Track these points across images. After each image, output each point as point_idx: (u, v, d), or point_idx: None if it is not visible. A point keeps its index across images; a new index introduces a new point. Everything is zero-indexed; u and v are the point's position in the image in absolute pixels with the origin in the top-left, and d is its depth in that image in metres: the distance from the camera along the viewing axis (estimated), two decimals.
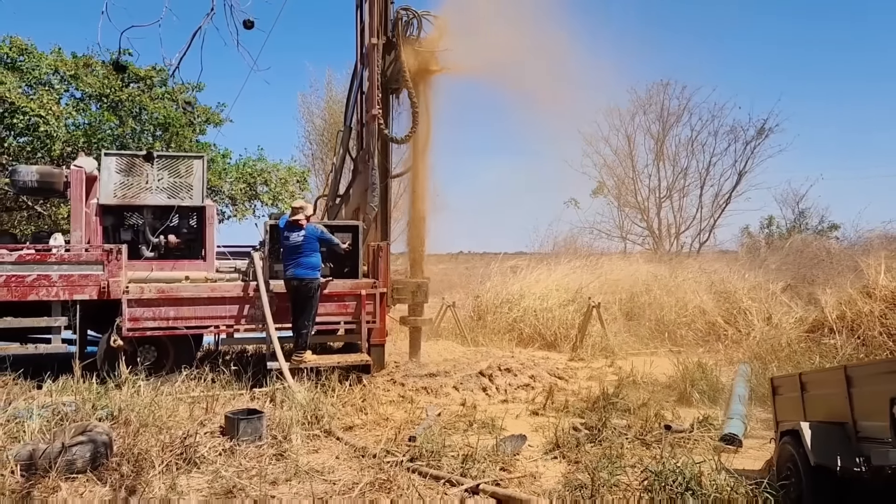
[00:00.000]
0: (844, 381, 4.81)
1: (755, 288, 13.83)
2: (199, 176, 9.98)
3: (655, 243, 30.59)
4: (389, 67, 10.52)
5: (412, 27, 10.51)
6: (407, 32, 10.48)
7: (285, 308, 9.40)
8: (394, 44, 10.45)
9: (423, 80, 10.69)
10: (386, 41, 10.45)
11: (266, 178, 24.62)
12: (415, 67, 10.42)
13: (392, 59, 10.49)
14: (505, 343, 12.95)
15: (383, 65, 10.42)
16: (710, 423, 7.29)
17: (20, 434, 6.36)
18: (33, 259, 8.77)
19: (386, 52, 10.48)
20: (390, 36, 10.48)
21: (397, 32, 10.43)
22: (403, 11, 10.55)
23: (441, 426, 7.43)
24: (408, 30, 10.49)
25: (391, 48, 10.49)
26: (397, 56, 10.36)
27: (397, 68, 10.40)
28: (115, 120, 22.00)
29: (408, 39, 10.45)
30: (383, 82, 10.47)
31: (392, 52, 10.48)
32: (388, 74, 10.53)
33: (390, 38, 10.48)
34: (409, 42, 10.44)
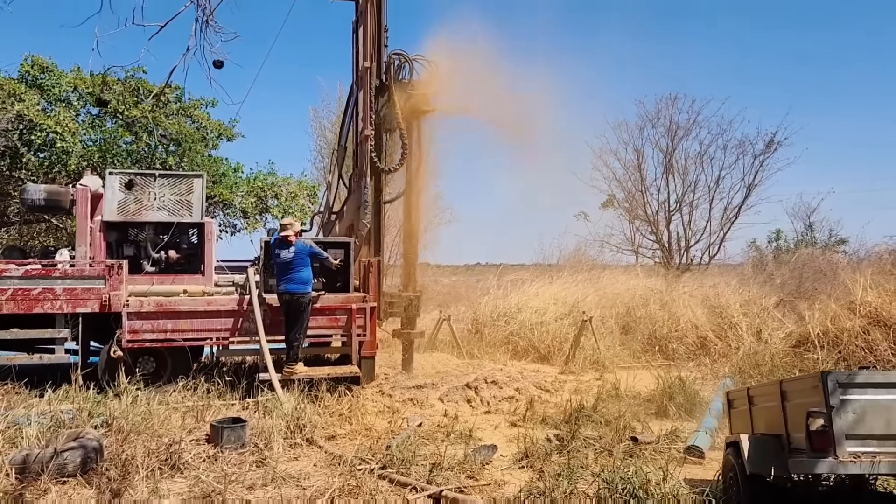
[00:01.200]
0: (780, 394, 5.08)
1: (748, 303, 13.99)
2: (198, 194, 10.41)
3: (665, 257, 30.69)
4: (383, 109, 10.98)
5: (404, 70, 11.04)
6: (399, 76, 11.02)
7: (279, 321, 9.77)
8: (387, 87, 10.93)
9: (415, 120, 11.21)
10: (379, 84, 10.93)
11: (276, 191, 25.11)
12: (407, 109, 10.95)
13: (385, 100, 10.96)
14: (499, 356, 13.21)
15: (377, 106, 10.88)
16: (676, 436, 7.54)
17: (18, 439, 6.77)
18: (39, 274, 9.25)
19: (379, 94, 10.95)
20: (383, 79, 10.97)
21: (390, 76, 10.95)
22: (396, 56, 11.10)
23: (420, 436, 7.74)
24: (400, 73, 11.02)
25: (384, 91, 10.97)
26: (390, 98, 10.86)
27: (390, 110, 10.88)
28: (130, 136, 22.64)
29: (400, 83, 10.98)
30: (377, 122, 10.91)
31: (385, 94, 10.96)
32: (381, 115, 10.98)
33: (383, 82, 10.97)
34: (401, 85, 10.97)
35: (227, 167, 24.51)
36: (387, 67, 10.99)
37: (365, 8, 10.88)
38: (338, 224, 11.52)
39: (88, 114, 22.80)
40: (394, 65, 11.03)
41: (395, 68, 11.03)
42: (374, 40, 10.93)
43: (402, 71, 11.06)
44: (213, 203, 24.43)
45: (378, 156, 10.87)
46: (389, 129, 11.09)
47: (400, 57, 11.11)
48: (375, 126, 10.82)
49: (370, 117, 10.75)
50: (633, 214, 31.93)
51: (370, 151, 10.69)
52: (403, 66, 11.08)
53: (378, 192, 11.04)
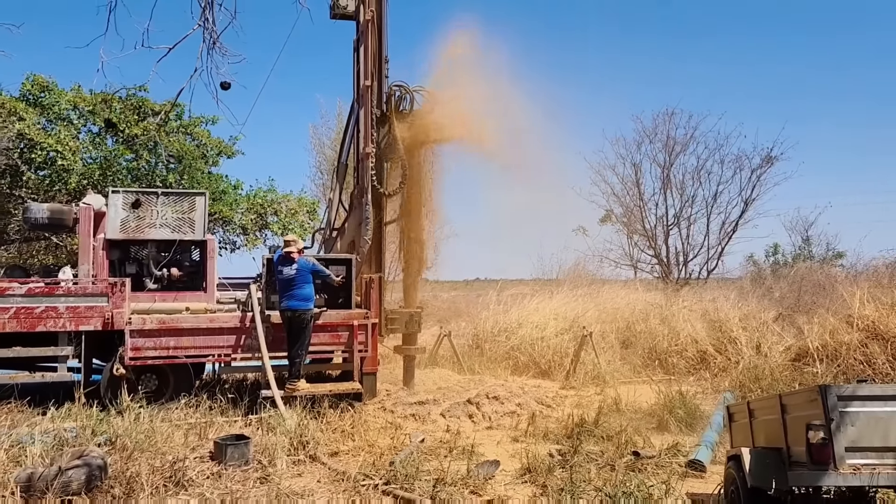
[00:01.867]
0: (780, 408, 5.14)
1: (747, 317, 14.05)
2: (200, 211, 10.48)
3: (664, 271, 30.79)
4: (384, 139, 11.14)
5: (405, 101, 11.24)
6: (400, 107, 11.21)
7: (281, 338, 9.81)
8: (388, 117, 11.11)
9: (416, 149, 11.41)
10: (380, 115, 11.10)
11: (276, 208, 25.21)
12: (408, 139, 11.15)
13: (386, 131, 11.14)
14: (500, 371, 13.25)
15: (378, 136, 11.05)
16: (678, 450, 7.58)
17: (22, 458, 6.79)
18: (42, 292, 9.29)
19: (380, 124, 11.13)
20: (384, 110, 11.13)
21: (390, 107, 11.13)
22: (397, 87, 11.31)
23: (423, 452, 7.77)
24: (401, 104, 11.22)
25: (385, 121, 11.15)
26: (390, 129, 11.04)
27: (390, 141, 11.07)
28: (130, 154, 22.75)
29: (401, 114, 11.18)
30: (378, 153, 11.05)
31: (386, 124, 11.14)
32: (381, 146, 11.14)
33: (384, 112, 11.14)
34: (402, 116, 11.18)
35: (227, 184, 24.63)
36: (387, 98, 11.19)
37: (366, 28, 11.02)
38: (339, 241, 11.59)
39: (89, 132, 22.93)
40: (394, 96, 11.25)
41: (395, 99, 11.25)
42: (374, 59, 11.07)
43: (402, 102, 11.27)
44: (213, 220, 24.51)
45: (379, 181, 11.00)
46: (391, 159, 11.22)
47: (401, 88, 11.34)
48: (376, 155, 10.96)
49: (371, 135, 10.87)
50: (632, 229, 32.09)
51: (371, 170, 10.79)
52: (404, 98, 11.29)
53: (379, 211, 11.13)
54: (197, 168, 23.35)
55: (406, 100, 11.28)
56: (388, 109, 11.16)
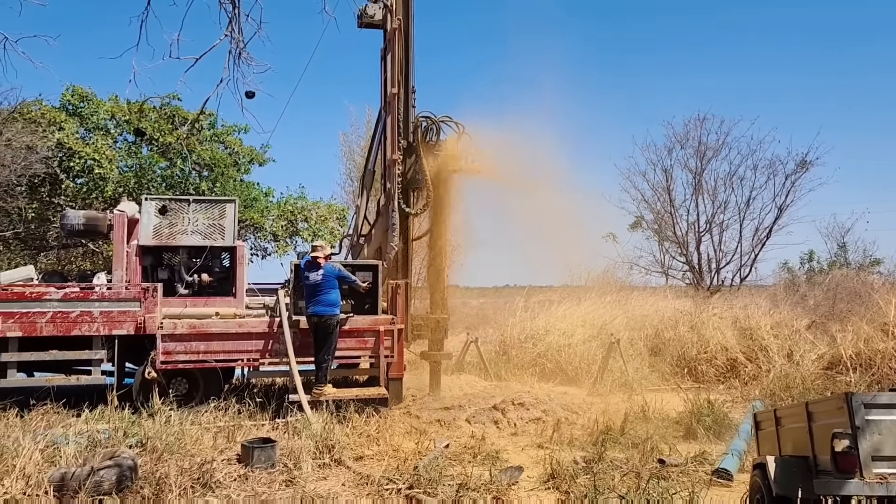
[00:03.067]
0: (806, 416, 5.07)
1: (779, 324, 13.84)
2: (230, 218, 10.66)
3: (695, 278, 30.43)
4: (410, 170, 11.27)
5: (431, 132, 11.35)
6: (427, 137, 11.33)
7: (309, 343, 9.93)
8: (414, 148, 11.22)
9: (442, 177, 11.50)
10: (407, 146, 11.22)
11: (307, 215, 25.50)
12: (434, 169, 11.27)
13: (412, 162, 11.25)
14: (527, 378, 13.21)
15: (404, 167, 11.21)
16: (704, 458, 7.50)
17: (56, 458, 6.96)
18: (77, 297, 9.53)
19: (407, 155, 11.25)
20: (411, 140, 11.26)
21: (417, 138, 11.25)
22: (423, 118, 11.41)
23: (447, 457, 7.80)
24: (427, 135, 11.34)
25: (412, 152, 11.26)
26: (417, 159, 11.15)
27: (417, 171, 11.20)
28: (165, 162, 23.20)
29: (427, 144, 11.28)
30: (404, 183, 11.20)
31: (413, 155, 11.24)
32: (408, 176, 11.27)
33: (411, 143, 11.25)
34: (428, 146, 11.29)
35: (259, 191, 24.97)
36: (414, 129, 11.28)
37: (392, 36, 11.14)
38: (366, 247, 11.70)
39: (125, 141, 23.44)
40: (421, 126, 11.35)
41: (422, 130, 11.35)
42: (401, 67, 11.18)
43: (429, 133, 11.37)
44: (244, 227, 24.88)
45: (406, 202, 11.18)
46: (417, 189, 11.33)
47: (427, 119, 11.44)
48: (402, 184, 11.10)
49: (397, 142, 10.98)
50: (663, 236, 31.78)
51: (397, 177, 10.89)
52: (431, 128, 11.38)
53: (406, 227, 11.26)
54: (229, 176, 23.72)
55: (433, 130, 11.38)
56: (416, 140, 11.27)
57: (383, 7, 11.26)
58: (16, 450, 6.67)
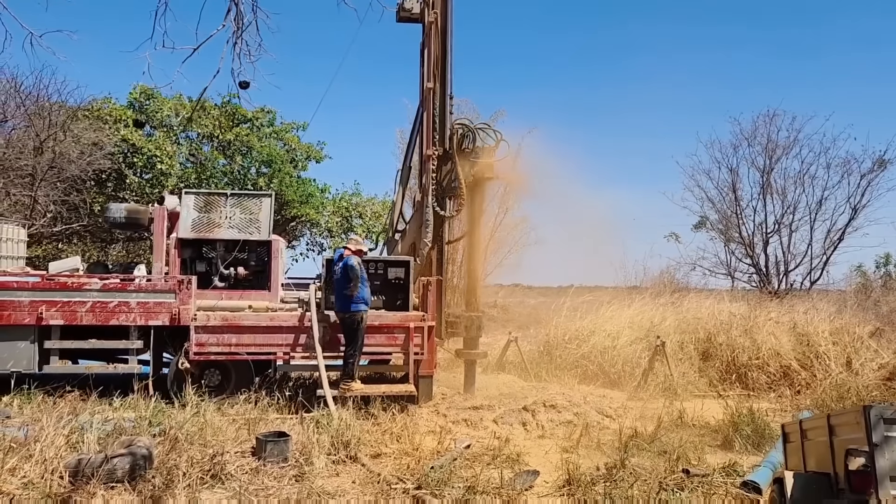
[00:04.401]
0: (828, 429, 4.70)
1: (839, 330, 13.07)
2: (266, 213, 10.75)
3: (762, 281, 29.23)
4: (446, 178, 11.16)
5: (468, 140, 11.18)
6: (463, 145, 11.16)
7: (338, 338, 9.92)
8: (450, 155, 11.08)
9: (478, 184, 11.39)
10: (443, 152, 11.10)
11: (361, 210, 25.72)
12: (471, 175, 11.14)
13: (448, 169, 11.12)
14: (568, 379, 12.86)
15: (440, 174, 11.10)
16: (734, 470, 7.09)
17: (79, 444, 7.12)
18: (115, 287, 9.79)
19: (443, 162, 11.13)
20: (447, 147, 11.12)
21: (453, 145, 11.09)
22: (459, 126, 11.25)
23: (465, 458, 7.63)
24: (464, 142, 11.17)
25: (448, 159, 11.13)
26: (453, 167, 11.02)
27: (453, 178, 11.08)
28: (224, 158, 23.75)
29: (464, 152, 11.14)
30: (439, 189, 11.11)
31: (449, 162, 11.11)
32: (444, 183, 11.16)
33: (447, 151, 11.12)
34: (465, 154, 11.14)
35: (314, 188, 25.29)
36: (451, 136, 11.13)
37: (429, 31, 11.02)
38: (400, 243, 11.63)
39: (187, 138, 24.12)
40: (457, 134, 11.18)
41: (458, 137, 11.19)
42: (437, 63, 11.05)
43: (465, 140, 11.20)
44: (300, 222, 25.30)
45: (441, 207, 11.10)
46: (452, 196, 11.20)
47: (463, 127, 11.28)
48: (438, 191, 11.02)
49: (433, 137, 10.86)
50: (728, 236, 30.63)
51: (432, 172, 10.78)
52: (467, 136, 11.21)
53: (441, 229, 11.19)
54: (286, 172, 24.10)
55: (468, 138, 11.21)
56: (451, 147, 11.13)
57: (421, 1, 11.14)
58: (38, 435, 6.83)
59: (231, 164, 23.96)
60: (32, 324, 9.53)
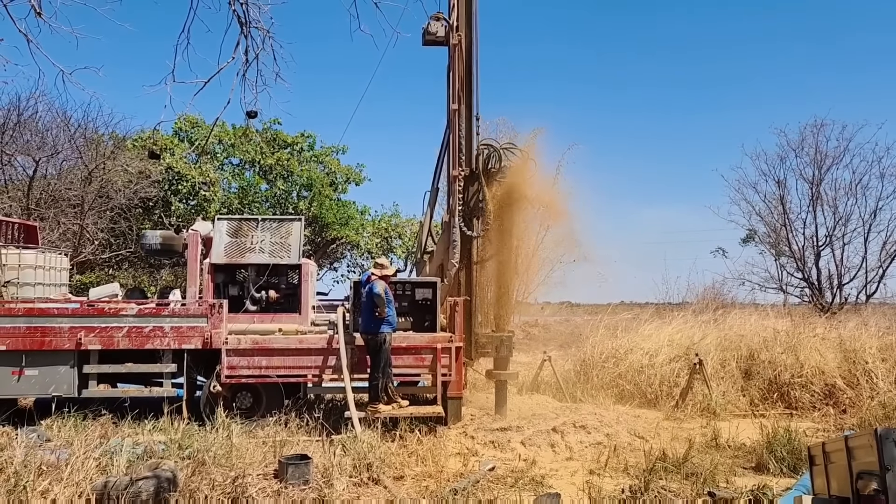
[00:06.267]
0: (846, 452, 4.53)
1: (889, 347, 12.57)
2: (296, 237, 10.92)
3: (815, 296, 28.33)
4: (473, 198, 11.22)
5: (493, 160, 11.25)
6: (489, 165, 11.24)
7: (366, 360, 9.98)
8: (476, 176, 11.17)
9: (506, 205, 11.43)
10: (469, 173, 11.17)
11: (400, 231, 25.90)
12: (498, 196, 11.23)
13: (475, 189, 11.20)
14: (603, 399, 12.68)
15: (466, 195, 11.15)
16: (763, 493, 6.86)
17: (109, 467, 7.31)
18: (150, 313, 10.06)
19: (469, 183, 11.21)
20: (473, 168, 11.20)
21: (479, 166, 11.19)
22: (484, 147, 11.35)
23: (489, 480, 7.57)
24: (489, 163, 11.25)
25: (474, 180, 11.21)
26: (479, 187, 11.11)
27: (480, 199, 11.16)
28: (265, 183, 24.24)
29: (490, 172, 11.23)
30: (466, 210, 11.14)
31: (475, 183, 11.20)
32: (470, 204, 11.22)
33: (473, 171, 11.20)
34: (491, 174, 11.24)
35: (354, 210, 25.59)
36: (476, 157, 11.21)
37: (453, 53, 11.11)
38: (428, 264, 11.67)
39: (230, 164, 24.70)
40: (482, 155, 11.25)
41: (483, 158, 11.25)
42: (463, 85, 11.13)
43: (491, 160, 11.26)
44: (340, 244, 25.60)
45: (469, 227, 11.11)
46: (480, 216, 11.24)
47: (489, 147, 11.36)
48: (464, 212, 11.05)
49: (459, 159, 10.92)
50: (778, 250, 29.81)
51: (458, 193, 10.82)
52: (492, 156, 11.27)
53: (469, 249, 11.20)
54: (326, 195, 24.46)
55: (494, 158, 11.26)
56: (477, 167, 11.19)
57: (445, 25, 11.25)
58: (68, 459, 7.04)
59: (272, 188, 24.47)
60: (72, 349, 9.84)
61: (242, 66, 5.41)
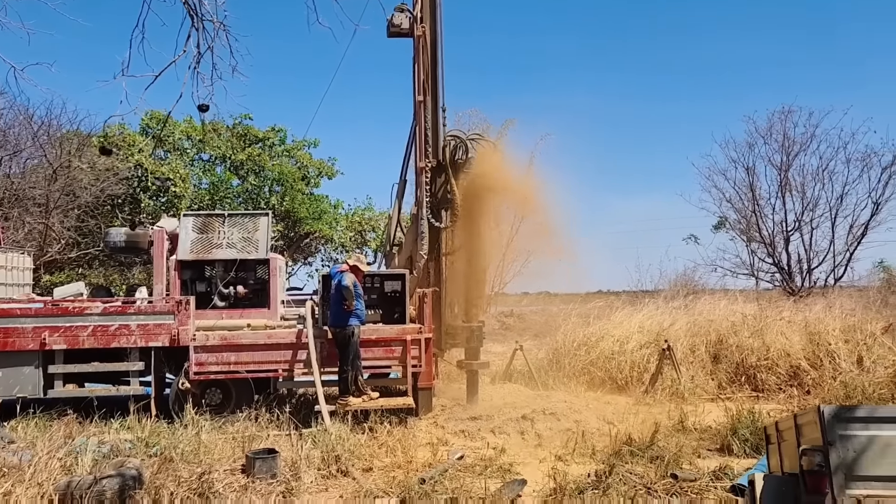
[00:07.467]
0: (795, 430, 4.63)
1: (852, 328, 12.81)
2: (263, 232, 10.86)
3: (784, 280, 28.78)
4: (440, 190, 11.24)
5: (460, 151, 11.28)
6: (456, 157, 11.26)
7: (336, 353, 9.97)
8: (443, 167, 11.19)
9: (474, 196, 11.41)
10: (436, 164, 11.19)
11: (374, 225, 25.84)
12: (465, 186, 11.23)
13: (443, 181, 11.22)
14: (574, 386, 12.79)
15: (434, 187, 11.16)
16: (725, 474, 6.99)
17: (74, 467, 7.24)
18: (116, 311, 9.96)
19: (436, 174, 11.22)
20: (440, 159, 11.20)
21: (445, 157, 11.19)
22: (451, 138, 11.36)
23: (457, 469, 7.61)
24: (456, 154, 11.26)
25: (441, 171, 11.23)
26: (447, 178, 11.13)
27: (448, 190, 11.19)
28: (237, 178, 24.03)
29: (457, 163, 11.26)
30: (434, 201, 11.16)
31: (442, 174, 11.21)
32: (438, 195, 11.23)
33: (440, 162, 11.21)
34: (458, 165, 11.26)
35: (327, 204, 25.46)
36: (443, 148, 11.22)
37: (418, 45, 11.10)
38: (397, 256, 11.68)
39: (200, 160, 24.43)
40: (449, 146, 11.27)
41: (450, 149, 11.27)
42: (428, 75, 11.12)
43: (457, 151, 11.28)
44: (314, 239, 25.48)
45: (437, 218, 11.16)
46: (446, 208, 11.27)
47: (455, 139, 11.38)
48: (432, 203, 11.07)
49: (425, 150, 10.92)
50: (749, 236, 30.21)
51: (426, 185, 10.83)
52: (459, 147, 11.29)
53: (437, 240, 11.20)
54: (298, 189, 24.30)
55: (461, 149, 11.28)
56: (444, 159, 11.21)
57: (410, 16, 11.23)
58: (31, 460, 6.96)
59: (244, 183, 24.28)
60: (36, 349, 9.71)
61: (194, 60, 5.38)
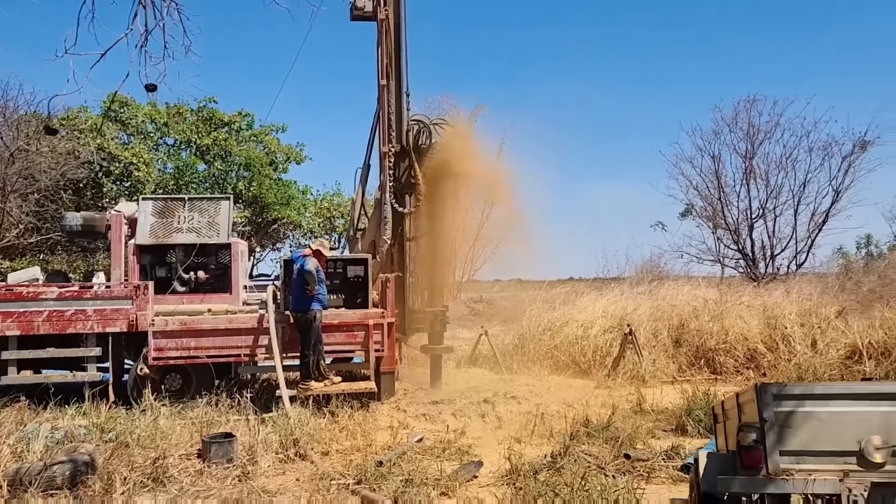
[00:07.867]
0: (737, 408, 4.71)
1: (807, 312, 13.08)
2: (225, 215, 10.74)
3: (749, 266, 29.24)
4: (404, 174, 11.21)
5: (423, 136, 11.26)
6: (419, 141, 11.24)
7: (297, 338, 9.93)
8: (407, 152, 11.15)
9: (438, 180, 11.42)
10: (400, 149, 11.16)
11: (343, 211, 25.70)
12: (429, 171, 11.21)
13: (406, 166, 11.20)
14: (538, 371, 12.91)
15: (398, 171, 11.15)
16: (676, 453, 7.12)
17: (25, 454, 7.13)
18: (71, 296, 9.80)
19: (400, 159, 11.20)
20: (404, 144, 11.17)
21: (409, 141, 11.16)
22: (414, 122, 11.33)
23: (416, 451, 7.65)
24: (420, 138, 11.24)
25: (405, 156, 11.20)
26: (410, 164, 11.11)
27: (411, 174, 11.17)
28: (203, 163, 23.69)
29: (420, 148, 11.24)
30: (398, 186, 11.15)
31: (406, 159, 11.18)
32: (402, 180, 11.21)
33: (404, 147, 11.18)
34: (422, 150, 11.23)
35: (295, 189, 25.25)
36: (406, 133, 11.19)
37: (381, 29, 11.03)
38: (360, 241, 11.65)
39: (164, 144, 24.05)
40: (412, 130, 11.25)
41: (414, 134, 11.25)
42: (392, 59, 11.08)
43: (421, 136, 11.27)
44: (282, 225, 25.28)
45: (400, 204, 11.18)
46: (410, 193, 11.27)
47: (419, 123, 11.36)
48: (396, 188, 11.07)
49: (388, 135, 10.88)
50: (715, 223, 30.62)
51: (389, 170, 10.80)
52: (423, 132, 11.28)
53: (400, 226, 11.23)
54: (265, 175, 24.06)
55: (425, 134, 11.27)
56: (408, 143, 11.18)
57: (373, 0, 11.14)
58: None
59: (210, 168, 23.97)
60: None
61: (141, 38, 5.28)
